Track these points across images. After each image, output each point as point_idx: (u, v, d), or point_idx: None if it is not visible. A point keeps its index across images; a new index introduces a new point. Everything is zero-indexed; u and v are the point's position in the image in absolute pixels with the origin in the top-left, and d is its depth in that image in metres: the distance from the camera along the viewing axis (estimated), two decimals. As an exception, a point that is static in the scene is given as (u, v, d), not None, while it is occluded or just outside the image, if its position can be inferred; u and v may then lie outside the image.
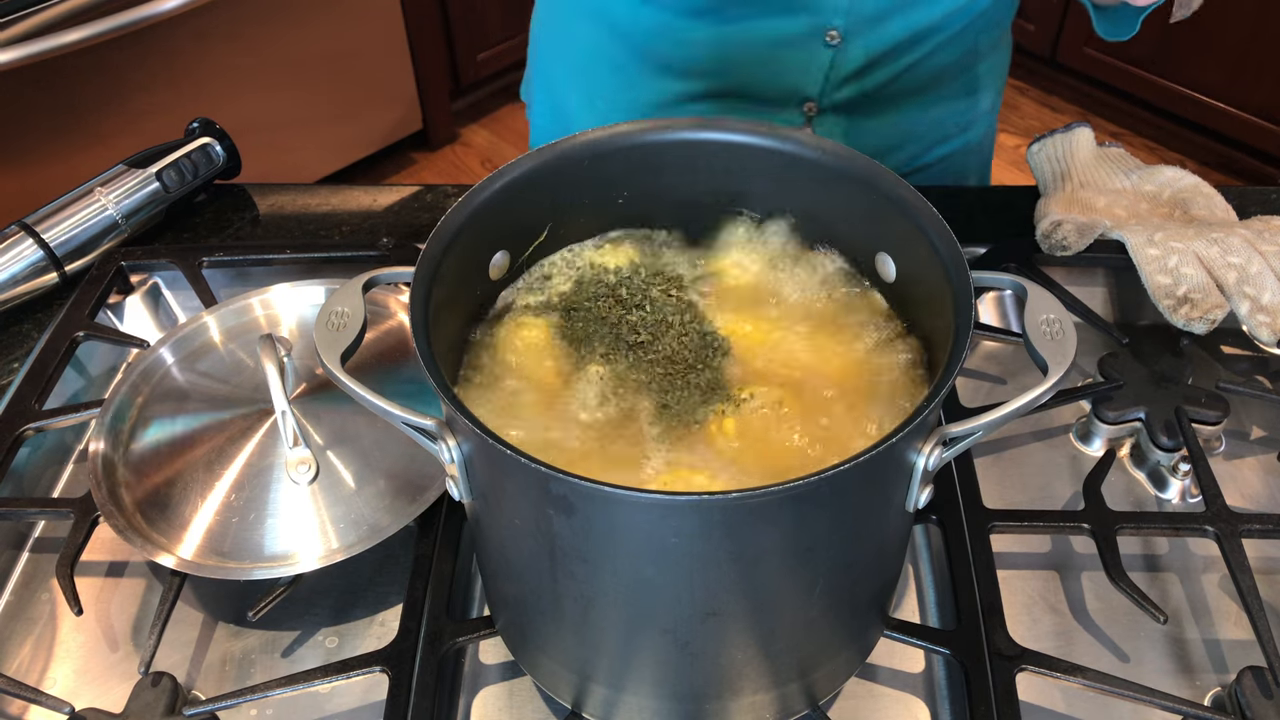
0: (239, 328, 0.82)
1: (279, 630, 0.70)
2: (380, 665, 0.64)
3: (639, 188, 0.64)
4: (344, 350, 0.54)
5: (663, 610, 0.52)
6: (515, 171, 0.59)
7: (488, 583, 0.66)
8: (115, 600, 0.73)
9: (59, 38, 1.70)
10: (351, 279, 0.57)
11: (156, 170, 0.95)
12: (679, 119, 0.62)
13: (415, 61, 2.59)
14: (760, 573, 0.50)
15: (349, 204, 1.01)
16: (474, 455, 0.51)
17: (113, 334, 0.87)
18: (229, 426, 0.73)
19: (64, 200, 0.92)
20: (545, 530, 0.49)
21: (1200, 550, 0.73)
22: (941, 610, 0.70)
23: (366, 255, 0.90)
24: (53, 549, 0.75)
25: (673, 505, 0.45)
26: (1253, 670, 0.64)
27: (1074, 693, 0.65)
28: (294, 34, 2.28)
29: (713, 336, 0.61)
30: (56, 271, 0.90)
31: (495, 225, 0.60)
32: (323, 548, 0.68)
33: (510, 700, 0.66)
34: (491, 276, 0.63)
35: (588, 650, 0.57)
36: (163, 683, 0.64)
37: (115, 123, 2.06)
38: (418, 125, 2.72)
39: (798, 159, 0.60)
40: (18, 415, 0.78)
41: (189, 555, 0.68)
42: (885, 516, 0.54)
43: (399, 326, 0.81)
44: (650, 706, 0.58)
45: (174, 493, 0.71)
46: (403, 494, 0.71)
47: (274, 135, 2.35)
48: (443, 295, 0.55)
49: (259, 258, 0.91)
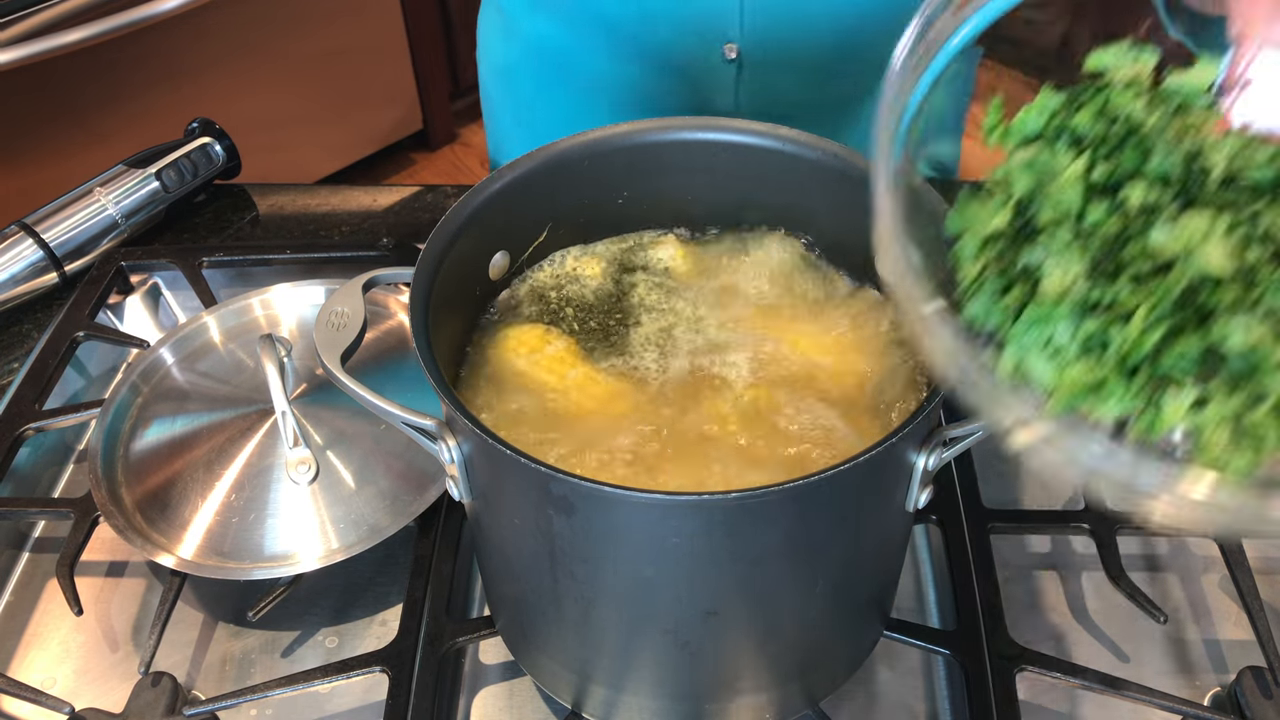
0: (239, 328, 0.82)
1: (279, 630, 0.70)
2: (380, 665, 0.64)
3: (639, 188, 0.64)
4: (344, 350, 0.54)
5: (663, 610, 0.52)
6: (515, 171, 0.59)
7: (488, 583, 0.66)
8: (115, 600, 0.73)
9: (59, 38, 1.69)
10: (351, 279, 0.57)
11: (156, 170, 0.95)
12: (679, 119, 0.62)
13: (415, 61, 2.58)
14: (760, 572, 0.50)
15: (349, 204, 1.01)
16: (474, 455, 0.51)
17: (113, 334, 0.87)
18: (229, 427, 0.73)
19: (64, 200, 0.92)
20: (545, 530, 0.49)
21: (1200, 550, 0.73)
22: (941, 610, 0.70)
23: (366, 255, 0.90)
24: (53, 549, 0.75)
25: (673, 505, 0.45)
26: (1252, 670, 0.64)
27: (1073, 693, 0.65)
28: (294, 34, 2.28)
29: (713, 336, 0.61)
30: (56, 271, 0.90)
31: (495, 225, 0.60)
32: (323, 548, 0.68)
33: (510, 700, 0.66)
34: (491, 276, 0.63)
35: (588, 650, 0.57)
36: (163, 683, 0.64)
37: (115, 123, 2.06)
38: (418, 125, 2.71)
39: (798, 159, 0.60)
40: (18, 415, 0.78)
41: (189, 555, 0.68)
42: (885, 516, 0.54)
43: (399, 326, 0.81)
44: (650, 706, 0.58)
45: (174, 493, 0.71)
46: (403, 494, 0.71)
47: (274, 135, 2.34)
48: (443, 295, 0.55)
49: (259, 258, 0.91)
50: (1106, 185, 0.42)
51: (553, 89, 0.99)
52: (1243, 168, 0.42)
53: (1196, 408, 0.38)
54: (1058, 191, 0.42)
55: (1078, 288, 0.40)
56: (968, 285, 0.43)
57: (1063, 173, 0.42)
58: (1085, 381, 0.39)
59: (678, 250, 0.66)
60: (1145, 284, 0.40)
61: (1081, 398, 0.39)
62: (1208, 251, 0.39)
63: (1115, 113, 0.44)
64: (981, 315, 0.42)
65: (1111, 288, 0.40)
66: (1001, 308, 0.41)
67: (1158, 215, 0.41)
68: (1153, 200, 0.41)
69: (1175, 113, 0.44)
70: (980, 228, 0.43)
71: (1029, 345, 0.40)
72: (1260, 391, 0.38)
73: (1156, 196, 0.41)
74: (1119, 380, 0.39)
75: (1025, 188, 0.43)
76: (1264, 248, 0.40)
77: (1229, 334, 0.38)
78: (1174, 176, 0.42)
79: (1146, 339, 0.39)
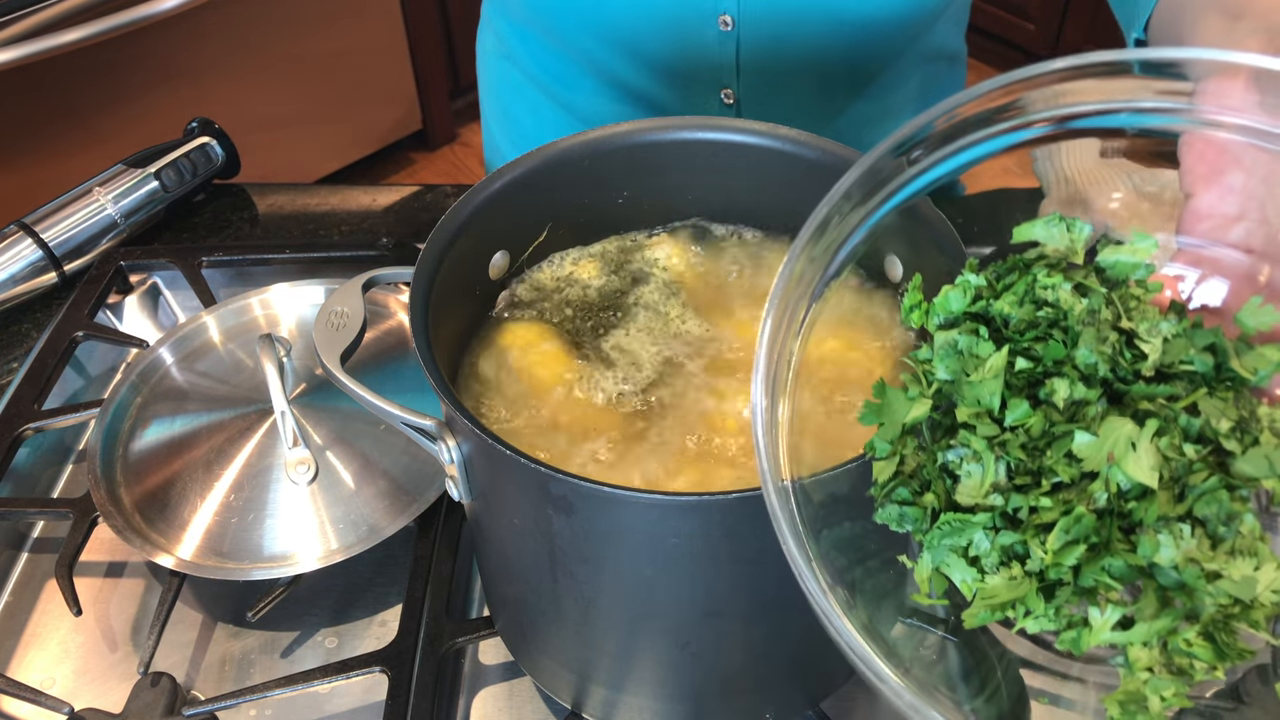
0: (238, 328, 0.82)
1: (278, 631, 0.70)
2: (380, 665, 0.64)
3: (639, 188, 0.64)
4: (343, 350, 0.54)
5: (663, 610, 0.52)
6: (515, 171, 0.59)
7: (487, 583, 0.66)
8: (114, 600, 0.72)
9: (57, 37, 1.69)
10: (351, 279, 0.57)
11: (155, 170, 0.95)
12: (679, 119, 0.62)
13: (415, 61, 2.58)
14: (760, 573, 0.50)
15: (348, 204, 1.01)
16: (474, 455, 0.51)
17: (112, 334, 0.87)
18: (228, 427, 0.73)
19: (63, 200, 0.92)
20: (545, 530, 0.49)
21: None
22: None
23: (366, 255, 0.90)
24: (52, 549, 0.75)
25: (673, 505, 0.45)
26: (1256, 668, 0.63)
27: (1075, 685, 0.65)
28: (293, 34, 2.28)
29: (713, 336, 0.61)
30: (55, 271, 0.90)
31: (495, 225, 0.60)
32: (322, 548, 0.68)
33: (510, 701, 0.66)
34: (491, 276, 0.62)
35: (588, 650, 0.57)
36: (162, 683, 0.64)
37: (114, 122, 2.06)
38: (417, 125, 2.72)
39: (798, 159, 0.60)
40: (17, 415, 0.78)
41: (188, 555, 0.68)
42: (885, 517, 0.54)
43: (399, 326, 0.81)
44: (650, 707, 0.58)
45: (173, 493, 0.71)
46: (402, 494, 0.71)
47: (273, 135, 2.34)
48: (442, 295, 0.55)
49: (258, 257, 0.91)
50: (1030, 379, 0.40)
51: (547, 113, 1.00)
52: (1178, 355, 0.39)
53: (1123, 626, 0.36)
54: (977, 386, 0.39)
55: (994, 496, 0.37)
56: (881, 486, 0.40)
57: (984, 363, 0.39)
58: (1004, 597, 0.37)
59: (677, 250, 0.66)
60: (1067, 491, 0.37)
61: (1002, 611, 0.37)
62: (1134, 460, 0.36)
63: (1041, 297, 0.41)
64: (895, 520, 0.40)
65: (1029, 497, 0.37)
66: (917, 510, 0.39)
67: (1083, 413, 0.38)
68: (1079, 396, 0.39)
69: (1107, 292, 0.41)
70: (898, 417, 0.41)
71: (946, 552, 0.38)
72: (1191, 610, 0.36)
73: (1083, 393, 0.39)
74: (1037, 597, 0.37)
75: (944, 377, 0.40)
76: (1195, 450, 0.37)
77: (1155, 549, 0.36)
78: (1101, 371, 0.39)
79: (1066, 555, 0.36)
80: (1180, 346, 0.39)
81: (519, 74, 1.00)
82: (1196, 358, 0.39)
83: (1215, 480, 0.37)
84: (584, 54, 0.93)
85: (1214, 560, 0.36)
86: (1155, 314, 0.40)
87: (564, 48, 0.94)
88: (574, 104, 0.97)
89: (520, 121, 1.04)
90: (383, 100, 2.60)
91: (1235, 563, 0.36)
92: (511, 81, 1.02)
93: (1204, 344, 0.40)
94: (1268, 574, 0.36)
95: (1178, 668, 0.36)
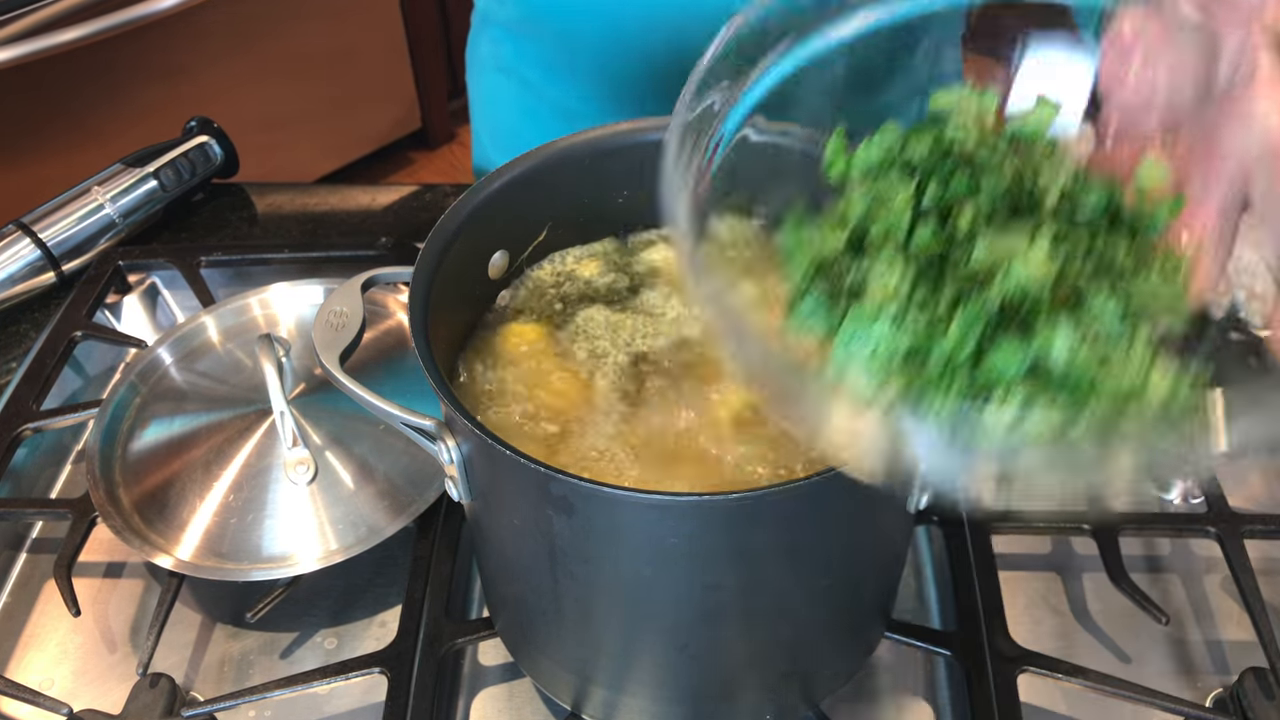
0: (237, 327, 0.82)
1: (278, 631, 0.70)
2: (379, 666, 0.63)
3: (639, 187, 0.64)
4: (343, 350, 0.54)
5: (663, 611, 0.52)
6: (515, 171, 0.59)
7: (487, 584, 0.66)
8: (113, 601, 0.72)
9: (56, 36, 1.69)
10: (350, 279, 0.57)
11: (154, 169, 0.95)
12: (679, 118, 0.62)
13: (414, 61, 2.58)
14: (760, 574, 0.50)
15: (347, 203, 1.01)
16: (473, 455, 0.50)
17: (110, 334, 0.87)
18: (227, 427, 0.73)
19: (61, 199, 0.92)
20: (545, 531, 0.49)
21: (1202, 551, 0.73)
22: (943, 611, 0.70)
23: (365, 255, 0.90)
24: (50, 550, 0.75)
25: (673, 505, 0.45)
26: (1254, 671, 0.63)
27: (1075, 694, 0.65)
28: (292, 33, 2.28)
29: (713, 336, 0.60)
30: (54, 271, 0.90)
31: (495, 225, 0.59)
32: (321, 549, 0.68)
33: (510, 702, 0.66)
34: (491, 276, 0.62)
35: (587, 651, 0.57)
36: (161, 684, 0.64)
37: (113, 122, 2.05)
38: (416, 124, 2.71)
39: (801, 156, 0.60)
40: (15, 415, 0.78)
41: (187, 556, 0.68)
42: (886, 518, 0.54)
43: (398, 326, 0.81)
44: (650, 708, 0.58)
45: (172, 493, 0.70)
46: (402, 494, 0.70)
47: (272, 134, 2.34)
48: (442, 295, 0.54)
49: (257, 257, 0.91)
50: (938, 209, 0.42)
51: (546, 120, 0.99)
52: (1077, 196, 0.42)
53: (1018, 423, 0.37)
54: (887, 213, 0.42)
55: (899, 300, 0.39)
56: (793, 294, 0.42)
57: (896, 198, 0.42)
58: (906, 391, 0.38)
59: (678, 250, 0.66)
60: (968, 298, 0.39)
61: (904, 406, 0.38)
62: (1027, 260, 0.39)
63: (950, 146, 0.44)
64: (806, 319, 0.41)
65: (933, 298, 0.39)
66: (827, 318, 0.41)
67: (985, 231, 0.41)
68: (982, 224, 0.41)
69: (1013, 150, 0.44)
70: (813, 250, 0.43)
71: (852, 353, 0.39)
72: (1084, 403, 0.37)
73: (986, 220, 0.41)
74: (938, 389, 0.38)
75: (859, 212, 0.43)
76: (1087, 262, 0.39)
77: (1051, 342, 0.38)
78: (1005, 204, 0.42)
79: (963, 346, 0.38)
80: (1079, 189, 0.42)
81: (515, 84, 0.99)
82: (1092, 196, 0.42)
83: (1108, 288, 0.39)
84: (586, 53, 0.92)
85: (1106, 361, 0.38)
86: (1057, 167, 0.43)
87: (565, 48, 0.93)
88: (573, 109, 0.97)
89: (517, 133, 1.03)
90: (382, 100, 2.60)
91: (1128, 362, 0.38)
92: (506, 94, 1.01)
93: (1101, 189, 0.42)
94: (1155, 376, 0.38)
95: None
